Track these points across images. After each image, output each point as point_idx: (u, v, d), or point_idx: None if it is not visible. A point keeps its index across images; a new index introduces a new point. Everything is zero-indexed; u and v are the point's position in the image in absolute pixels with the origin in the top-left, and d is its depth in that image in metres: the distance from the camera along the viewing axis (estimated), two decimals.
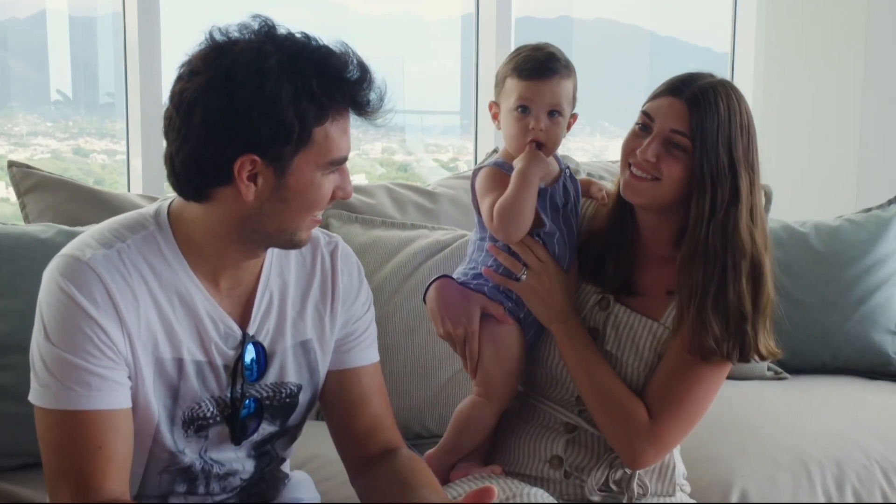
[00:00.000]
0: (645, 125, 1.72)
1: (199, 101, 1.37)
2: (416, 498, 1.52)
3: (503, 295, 1.79)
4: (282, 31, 1.42)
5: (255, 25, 1.42)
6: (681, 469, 1.88)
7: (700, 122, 1.66)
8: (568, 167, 1.84)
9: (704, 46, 4.40)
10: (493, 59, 3.41)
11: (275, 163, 1.40)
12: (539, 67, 1.74)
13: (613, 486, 1.78)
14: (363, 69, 1.43)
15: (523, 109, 1.75)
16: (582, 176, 2.70)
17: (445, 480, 1.81)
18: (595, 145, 4.20)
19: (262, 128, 1.37)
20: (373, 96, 1.45)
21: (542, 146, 1.76)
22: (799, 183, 3.73)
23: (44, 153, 3.19)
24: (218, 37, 1.41)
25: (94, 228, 1.50)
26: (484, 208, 1.77)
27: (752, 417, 2.41)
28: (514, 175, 1.72)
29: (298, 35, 1.42)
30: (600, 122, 4.27)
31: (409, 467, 1.62)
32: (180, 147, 1.40)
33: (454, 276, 1.85)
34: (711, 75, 1.72)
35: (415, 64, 3.88)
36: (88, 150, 3.29)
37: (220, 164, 1.39)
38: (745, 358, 1.72)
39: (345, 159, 1.47)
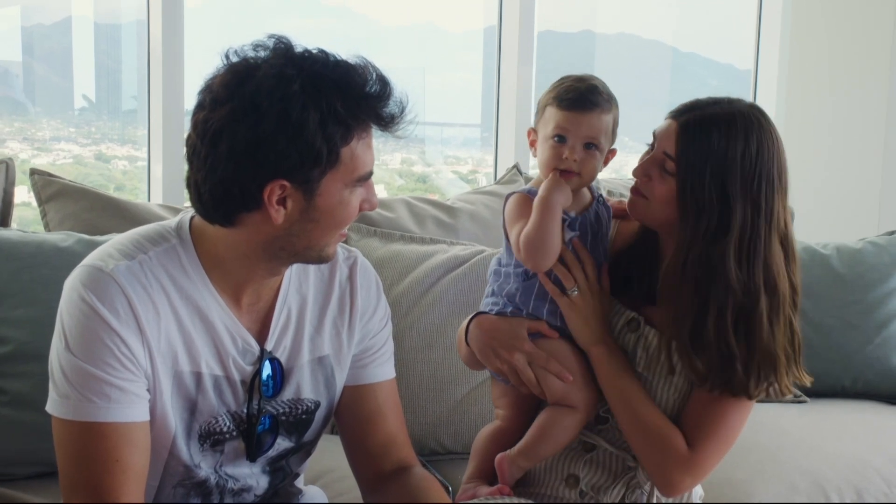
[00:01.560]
0: (652, 144, 1.72)
1: (224, 130, 1.36)
2: None
3: (543, 315, 1.79)
4: (298, 49, 1.41)
5: (271, 44, 1.41)
6: (698, 491, 1.87)
7: (686, 149, 1.64)
8: (601, 194, 1.83)
9: (726, 63, 4.39)
10: (515, 72, 3.41)
11: (303, 185, 1.40)
12: (580, 99, 1.73)
13: None
14: (383, 82, 1.43)
15: (560, 139, 1.74)
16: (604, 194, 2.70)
17: (512, 483, 1.79)
18: (615, 160, 4.18)
19: (290, 154, 1.36)
20: (395, 109, 1.44)
21: (576, 176, 1.74)
22: (821, 204, 3.71)
23: (66, 158, 3.21)
24: (235, 60, 1.40)
25: (115, 239, 1.50)
26: (513, 237, 1.76)
27: (770, 441, 2.39)
28: (535, 203, 1.71)
29: (316, 52, 1.42)
30: (621, 136, 4.24)
31: (422, 487, 1.61)
32: (207, 175, 1.39)
33: (485, 310, 1.83)
34: (733, 101, 1.69)
35: (436, 75, 3.89)
36: (110, 156, 3.31)
37: (250, 192, 1.39)
38: (732, 393, 1.67)
39: (371, 174, 1.47)
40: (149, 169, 2.97)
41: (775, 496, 2.16)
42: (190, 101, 2.86)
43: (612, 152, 1.80)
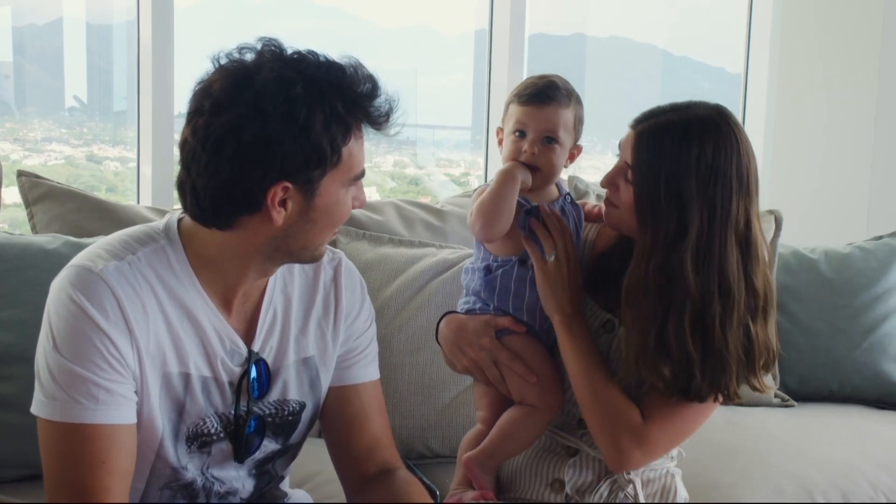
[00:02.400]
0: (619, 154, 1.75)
1: (228, 135, 1.36)
2: None
3: (510, 310, 1.81)
4: (290, 51, 1.42)
5: (260, 47, 1.41)
6: (683, 494, 1.87)
7: (640, 158, 1.66)
8: (569, 193, 1.86)
9: (717, 66, 4.39)
10: (506, 75, 3.41)
11: (305, 186, 1.41)
12: (537, 94, 1.78)
13: None
14: (373, 82, 1.44)
15: (520, 133, 1.79)
16: (591, 199, 2.70)
17: (491, 484, 1.80)
18: (607, 163, 4.17)
19: (296, 156, 1.37)
20: (386, 108, 1.46)
21: (537, 170, 1.79)
22: (809, 208, 3.72)
23: (58, 159, 3.20)
24: (229, 63, 1.40)
25: (103, 240, 1.50)
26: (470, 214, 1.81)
27: (757, 444, 2.39)
28: (498, 172, 1.77)
29: (306, 53, 1.42)
30: (612, 140, 4.26)
31: (405, 491, 1.62)
32: (209, 181, 1.39)
33: (457, 309, 1.87)
34: (693, 106, 1.68)
35: (428, 78, 3.89)
36: (102, 157, 3.31)
37: (253, 195, 1.39)
38: (687, 398, 1.68)
39: (364, 173, 1.49)
40: (138, 170, 2.97)
41: (762, 500, 2.16)
42: (180, 102, 2.86)
43: (578, 149, 1.84)
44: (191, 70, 1.45)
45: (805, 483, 2.22)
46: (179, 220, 1.51)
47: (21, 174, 2.30)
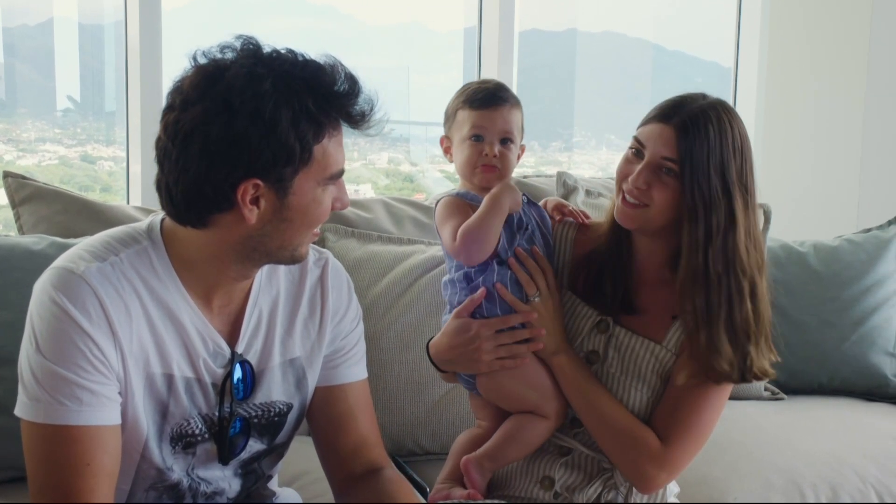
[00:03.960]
0: (638, 150, 1.72)
1: (196, 130, 1.36)
2: None
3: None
4: (267, 49, 1.42)
5: (239, 45, 1.41)
6: (673, 489, 1.88)
7: (689, 149, 1.65)
8: (525, 195, 1.85)
9: (711, 61, 4.40)
10: (496, 72, 3.41)
11: (276, 184, 1.40)
12: (490, 97, 1.80)
13: None
14: (352, 81, 1.44)
15: (477, 138, 1.80)
16: (580, 195, 2.70)
17: (482, 487, 1.80)
18: (601, 158, 4.20)
19: (263, 152, 1.36)
20: (364, 107, 1.45)
21: (496, 171, 1.80)
22: (799, 202, 3.72)
23: (51, 160, 3.19)
24: (204, 61, 1.40)
25: (85, 242, 1.50)
26: (445, 234, 1.79)
27: (746, 438, 2.40)
28: (486, 199, 1.75)
29: (284, 51, 1.42)
30: (606, 135, 4.27)
31: (392, 490, 1.62)
32: (179, 177, 1.39)
33: (443, 325, 1.85)
34: (704, 96, 1.72)
35: (421, 75, 3.89)
36: (96, 156, 3.30)
37: (223, 192, 1.39)
38: (746, 379, 1.71)
39: (342, 172, 1.48)
40: (127, 170, 2.97)
41: (751, 493, 2.17)
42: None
43: (522, 148, 1.86)
44: (180, 71, 1.45)
45: (794, 476, 2.23)
46: (162, 221, 1.51)
47: (7, 175, 2.29)
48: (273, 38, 1.45)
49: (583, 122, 4.27)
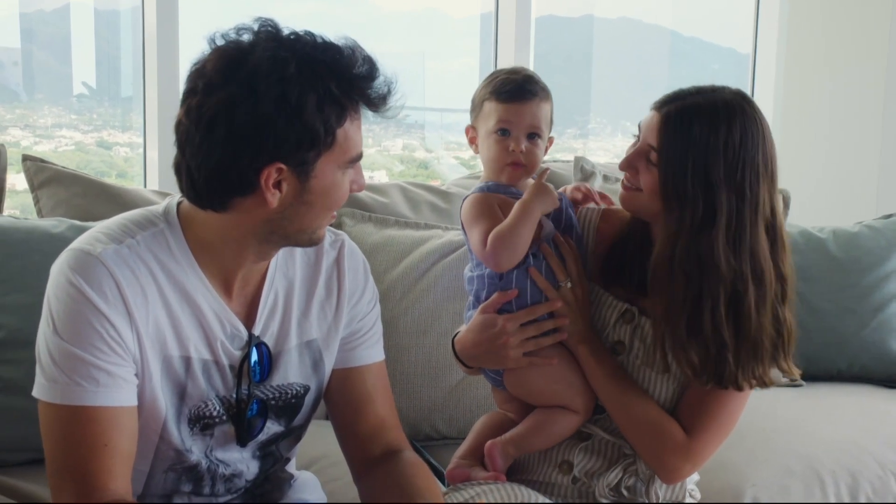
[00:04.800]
0: (638, 136, 1.72)
1: (220, 115, 1.35)
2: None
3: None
4: (286, 31, 1.41)
5: (257, 27, 1.40)
6: (693, 476, 1.87)
7: (667, 141, 1.63)
8: (562, 193, 1.82)
9: (728, 47, 4.37)
10: (512, 58, 3.40)
11: (299, 168, 1.40)
12: (518, 90, 1.75)
13: (625, 492, 1.77)
14: (371, 63, 1.43)
15: (503, 132, 1.76)
16: (598, 181, 2.69)
17: (504, 469, 1.79)
18: (616, 145, 4.18)
19: (289, 137, 1.36)
20: (383, 89, 1.44)
21: (522, 168, 1.76)
22: (818, 188, 3.70)
23: (68, 145, 3.20)
24: (224, 44, 1.39)
25: (102, 224, 1.50)
26: (474, 238, 1.75)
27: (765, 424, 2.39)
28: (517, 206, 1.71)
29: (303, 34, 1.41)
30: (622, 121, 4.25)
31: (410, 473, 1.61)
32: (202, 161, 1.38)
33: (461, 329, 1.84)
34: (718, 90, 1.67)
35: (436, 61, 3.88)
36: (112, 142, 3.31)
37: (246, 176, 1.38)
38: (722, 386, 1.68)
39: (361, 155, 1.47)
40: (144, 155, 2.97)
41: (770, 480, 2.15)
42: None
43: (551, 140, 1.82)
44: (196, 55, 1.44)
45: (813, 463, 2.22)
46: (179, 204, 1.51)
47: (26, 158, 2.30)
48: (289, 23, 1.44)
49: (599, 109, 4.26)
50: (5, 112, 3.12)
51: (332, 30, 1.45)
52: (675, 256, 1.64)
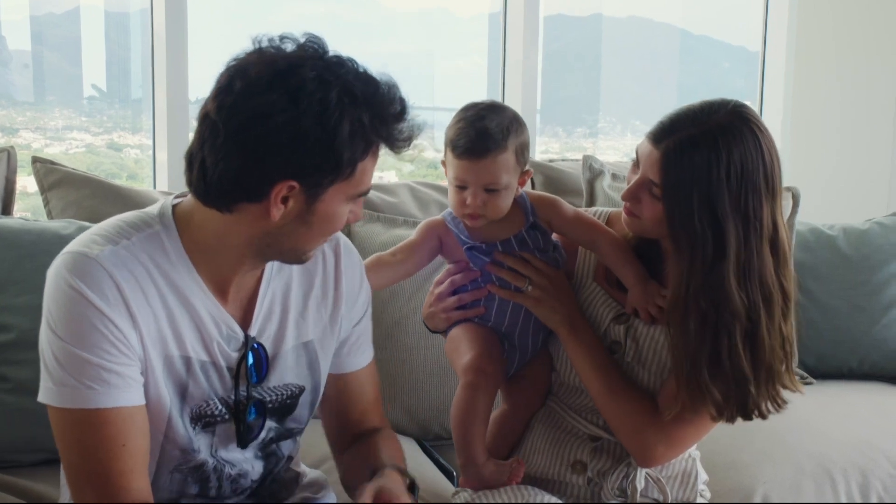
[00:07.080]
0: (636, 162, 1.69)
1: (256, 119, 1.34)
2: (366, 472, 1.57)
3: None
4: (331, 53, 1.41)
5: (303, 41, 1.40)
6: (702, 476, 1.87)
7: (669, 179, 1.60)
8: (532, 220, 1.79)
9: (738, 45, 4.36)
10: (521, 57, 3.40)
11: (310, 189, 1.40)
12: (471, 148, 1.67)
13: (628, 489, 1.77)
14: (403, 105, 1.43)
15: (460, 187, 1.72)
16: (606, 179, 2.68)
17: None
18: (626, 144, 4.17)
19: (314, 157, 1.36)
20: (409, 133, 1.44)
21: (481, 217, 1.73)
22: (828, 185, 3.69)
23: (79, 147, 3.22)
24: (271, 51, 1.39)
25: (97, 226, 1.49)
26: (403, 242, 1.87)
27: (775, 423, 2.32)
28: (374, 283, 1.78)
29: (346, 59, 1.41)
30: (631, 121, 4.25)
31: (376, 445, 1.66)
32: (220, 160, 1.37)
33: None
34: (714, 112, 1.61)
35: (445, 60, 3.88)
36: (122, 144, 3.32)
37: (260, 185, 1.38)
38: (747, 417, 1.67)
39: (369, 191, 1.49)
40: (154, 157, 2.99)
41: (781, 479, 2.15)
42: (194, 89, 2.86)
43: (527, 174, 1.76)
44: (205, 57, 1.43)
45: (824, 461, 2.21)
46: (174, 206, 1.51)
47: (36, 160, 2.31)
48: (298, 24, 1.44)
49: (608, 108, 4.25)
50: (16, 114, 3.13)
51: (342, 30, 1.45)
52: (689, 295, 1.61)
